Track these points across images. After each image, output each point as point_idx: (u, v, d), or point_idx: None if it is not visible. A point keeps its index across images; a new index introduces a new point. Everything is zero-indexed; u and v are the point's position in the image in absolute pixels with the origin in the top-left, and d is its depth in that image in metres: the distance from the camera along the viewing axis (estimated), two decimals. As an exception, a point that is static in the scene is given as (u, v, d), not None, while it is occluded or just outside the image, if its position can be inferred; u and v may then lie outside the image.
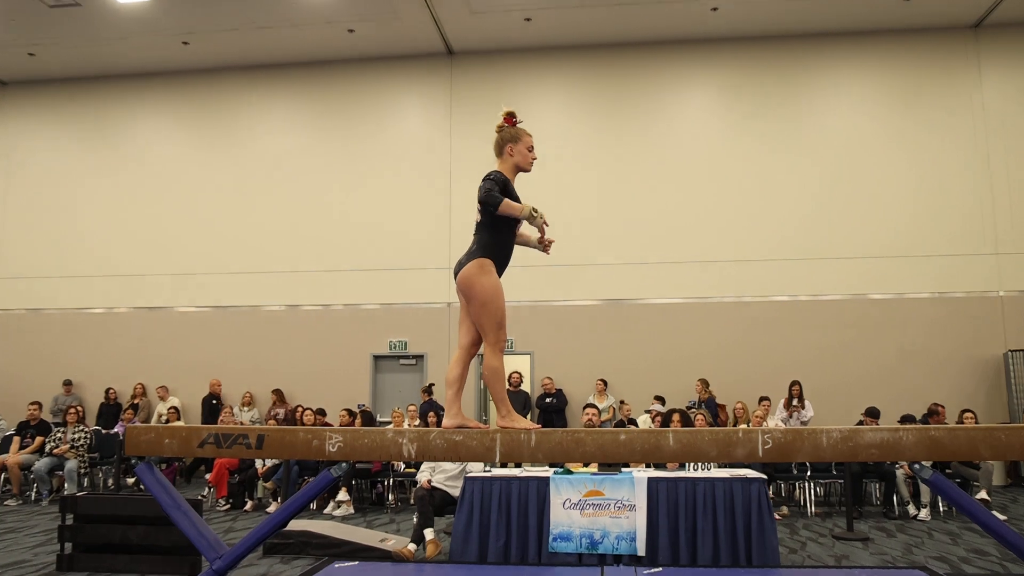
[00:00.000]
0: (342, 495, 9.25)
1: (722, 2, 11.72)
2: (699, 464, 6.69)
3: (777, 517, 8.07)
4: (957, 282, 12.09)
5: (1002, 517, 8.44)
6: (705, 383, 11.33)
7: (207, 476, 10.08)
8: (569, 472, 6.45)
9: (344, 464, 3.56)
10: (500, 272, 3.71)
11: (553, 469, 6.67)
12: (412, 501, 8.55)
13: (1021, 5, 11.84)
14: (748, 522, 6.00)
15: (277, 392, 12.45)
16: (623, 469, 6.56)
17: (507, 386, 11.79)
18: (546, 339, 12.47)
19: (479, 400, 12.65)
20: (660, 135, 12.85)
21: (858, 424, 9.54)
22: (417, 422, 10.71)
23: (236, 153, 13.64)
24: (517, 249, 3.91)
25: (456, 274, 3.70)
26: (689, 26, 12.47)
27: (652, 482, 6.14)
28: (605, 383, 11.94)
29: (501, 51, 13.19)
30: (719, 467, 6.86)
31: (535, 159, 3.99)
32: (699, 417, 8.54)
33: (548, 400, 11.74)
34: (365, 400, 12.45)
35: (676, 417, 8.23)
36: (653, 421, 10.07)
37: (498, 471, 6.84)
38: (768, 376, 11.48)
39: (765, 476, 6.47)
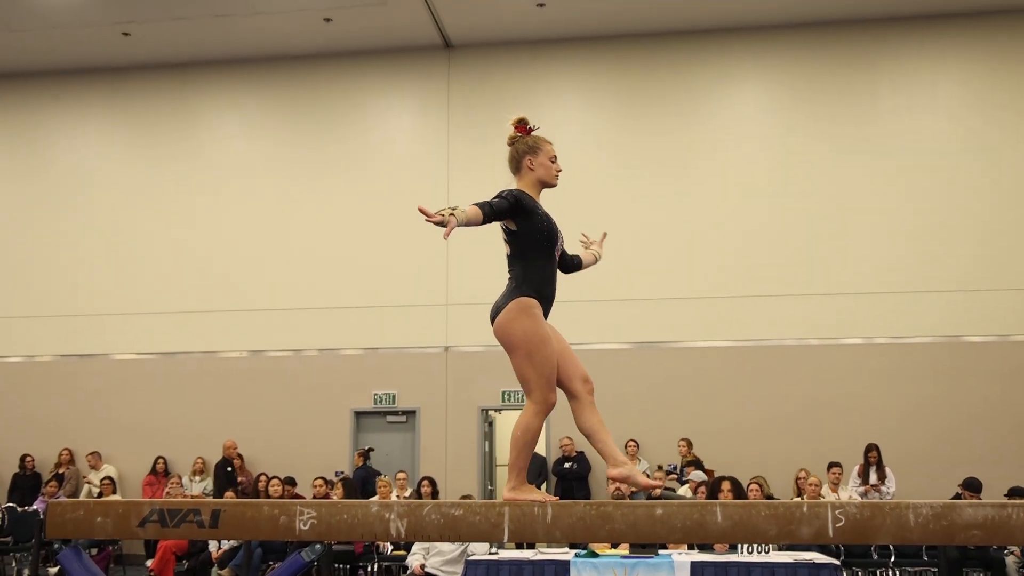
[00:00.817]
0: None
1: (777, -18, 11.86)
2: (754, 546, 6.62)
3: (853, 613, 7.97)
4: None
5: None
6: (689, 443, 11.32)
7: (148, 563, 10.04)
8: (594, 554, 6.39)
9: (318, 545, 3.55)
10: (546, 311, 3.73)
11: (574, 551, 6.61)
12: (401, 592, 8.47)
13: None
14: (817, 619, 5.92)
15: (239, 456, 12.42)
16: (660, 551, 6.50)
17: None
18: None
19: (483, 468, 12.59)
20: (702, 146, 12.85)
21: (955, 498, 9.43)
22: (408, 493, 10.67)
23: (187, 164, 13.74)
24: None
25: (492, 319, 3.73)
26: (735, 11, 12.56)
27: (696, 567, 6.07)
28: (637, 445, 11.86)
29: (508, 43, 13.32)
30: (779, 549, 6.78)
31: (560, 171, 4.03)
32: (753, 487, 8.47)
33: (567, 465, 11.67)
34: (344, 466, 12.40)
35: (726, 486, 8.14)
36: (696, 492, 9.98)
37: (507, 553, 6.78)
38: (837, 436, 11.36)
39: (839, 562, 6.39)
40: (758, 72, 13.18)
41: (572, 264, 4.10)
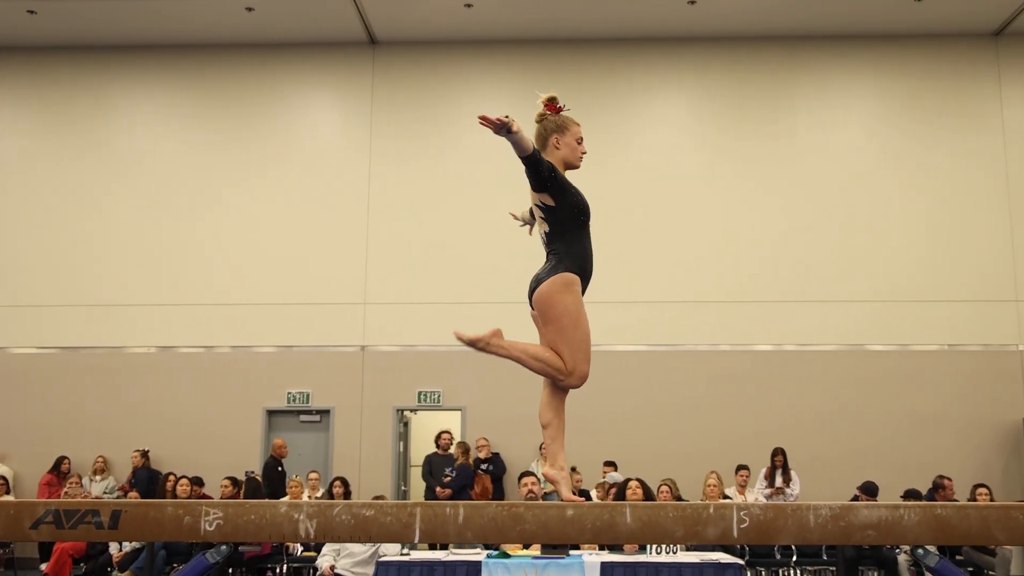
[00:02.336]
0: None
1: (699, -6, 12.06)
2: (663, 546, 6.72)
3: (757, 613, 8.13)
4: (972, 334, 12.46)
5: (1021, 613, 8.65)
6: (465, 447, 11.46)
7: (43, 567, 9.72)
8: (506, 555, 6.40)
9: (224, 547, 3.47)
10: (585, 286, 3.80)
11: (486, 551, 6.61)
12: (310, 593, 8.37)
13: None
14: (722, 619, 6.03)
15: (142, 456, 12.11)
16: (571, 552, 6.54)
17: (436, 450, 11.76)
18: (481, 392, 12.42)
19: (397, 468, 12.51)
20: (625, 152, 13.01)
21: (852, 500, 9.71)
22: (319, 493, 10.55)
23: (96, 153, 13.35)
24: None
25: (532, 291, 3.76)
26: (661, 21, 12.75)
27: (606, 568, 6.13)
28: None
29: (435, 42, 13.29)
30: (687, 550, 6.89)
31: (585, 153, 4.03)
32: (663, 489, 8.58)
33: (483, 466, 11.67)
34: (255, 466, 12.19)
35: (634, 486, 8.20)
36: (607, 494, 10.07)
37: (418, 554, 6.75)
38: (746, 442, 11.59)
39: (743, 562, 6.52)
40: (681, 83, 13.40)
41: None
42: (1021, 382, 12.37)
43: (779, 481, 11.02)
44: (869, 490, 9.69)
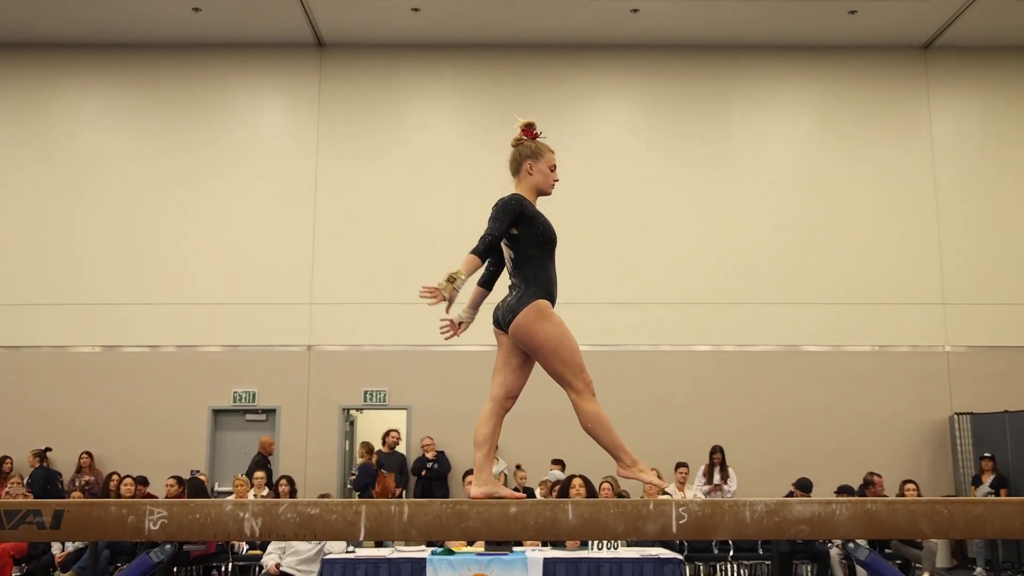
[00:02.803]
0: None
1: (643, 3, 12.14)
2: (604, 542, 6.76)
3: (695, 606, 8.22)
4: (902, 336, 12.75)
5: (946, 604, 8.87)
6: (369, 447, 11.51)
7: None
8: (450, 552, 6.39)
9: (168, 545, 3.42)
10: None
11: (431, 549, 6.60)
12: (255, 591, 8.28)
13: (973, 26, 12.73)
14: (661, 613, 6.08)
15: (87, 455, 11.87)
16: (514, 548, 6.55)
17: (381, 447, 11.70)
18: (426, 391, 12.40)
19: (343, 466, 12.43)
20: (569, 154, 13.07)
21: (787, 496, 9.87)
22: (265, 492, 10.44)
23: (38, 150, 13.04)
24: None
25: (506, 322, 3.71)
26: (605, 29, 12.84)
27: (549, 563, 6.16)
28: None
29: (382, 46, 13.22)
30: (627, 546, 6.94)
31: (557, 180, 4.07)
32: (605, 486, 8.63)
33: (428, 465, 11.64)
34: (200, 465, 12.02)
35: (577, 484, 8.25)
36: (551, 492, 10.12)
37: (363, 551, 6.72)
38: (687, 439, 11.73)
39: (681, 556, 6.58)
40: (623, 88, 13.49)
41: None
42: (947, 382, 12.68)
43: (717, 478, 11.15)
44: (803, 486, 9.84)
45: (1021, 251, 13.00)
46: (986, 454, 11.80)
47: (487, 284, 4.04)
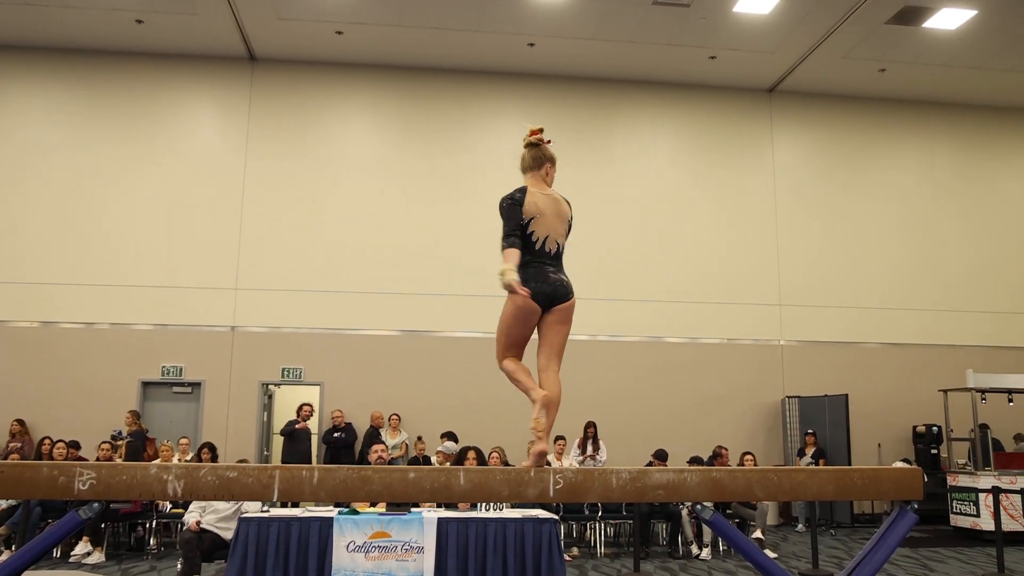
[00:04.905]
0: (82, 545, 8.50)
1: (539, 38, 12.20)
2: (491, 504, 6.78)
3: (567, 558, 8.33)
4: (745, 330, 13.20)
5: (773, 555, 9.22)
6: (136, 414, 11.16)
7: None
8: (355, 512, 6.32)
9: (96, 504, 3.27)
10: None
11: (338, 509, 6.51)
12: (178, 546, 8.01)
13: (809, 75, 13.28)
14: (538, 563, 6.14)
15: (18, 423, 11.27)
16: (412, 510, 6.52)
17: (295, 418, 11.47)
18: (338, 369, 12.22)
19: (261, 436, 12.15)
20: (469, 166, 13.09)
21: (647, 465, 10.09)
22: (189, 456, 10.12)
23: (-12, 143, 12.34)
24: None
25: (565, 297, 3.90)
26: (505, 58, 12.87)
27: (442, 523, 6.14)
28: (399, 418, 11.86)
29: (308, 63, 12.94)
30: (511, 507, 6.99)
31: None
32: (494, 455, 8.67)
33: (336, 435, 11.47)
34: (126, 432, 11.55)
35: (471, 455, 8.31)
36: (446, 460, 10.11)
37: (277, 511, 6.57)
38: (565, 415, 11.84)
39: (557, 517, 6.66)
40: (518, 112, 13.51)
41: None
42: (780, 370, 13.19)
43: (590, 449, 11.33)
44: (660, 456, 10.09)
45: (844, 263, 13.62)
46: (809, 431, 12.34)
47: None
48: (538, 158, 3.97)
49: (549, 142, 4.04)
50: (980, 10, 11.29)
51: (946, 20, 11.57)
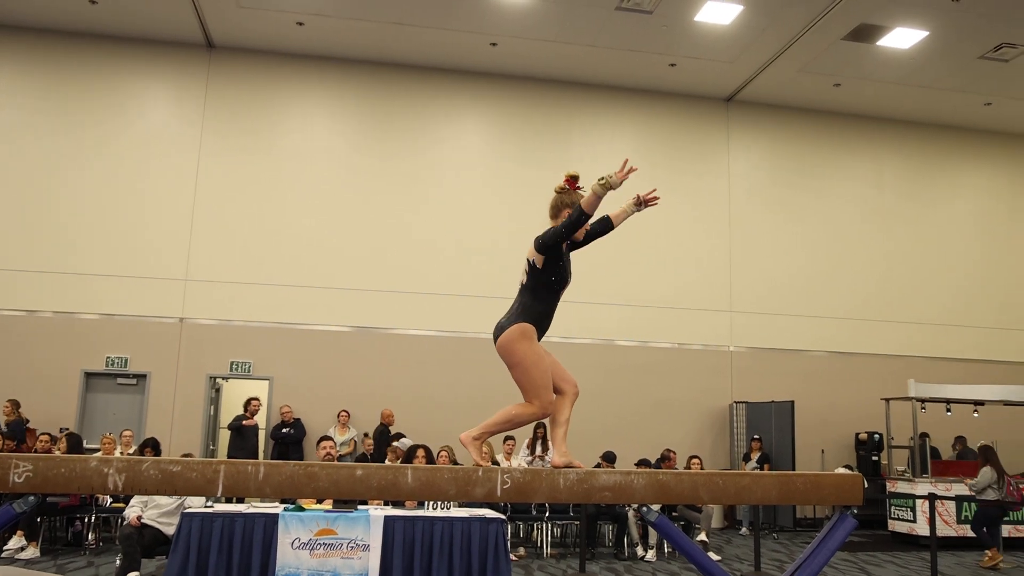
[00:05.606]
0: (16, 540, 8.29)
1: (502, 38, 12.20)
2: (438, 503, 6.77)
3: (514, 558, 8.35)
4: (696, 335, 13.36)
5: (716, 558, 9.35)
6: (16, 404, 10.59)
7: None
8: (301, 509, 6.25)
9: (32, 497, 3.19)
10: (540, 336, 3.77)
11: (284, 505, 6.43)
12: (117, 541, 7.84)
13: (766, 87, 13.49)
14: (484, 563, 6.14)
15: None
16: (359, 507, 6.47)
17: (243, 412, 11.30)
18: (287, 364, 12.07)
19: (207, 430, 11.95)
20: (427, 162, 13.03)
21: (596, 467, 10.15)
22: (132, 450, 9.92)
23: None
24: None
25: (496, 337, 3.70)
26: (467, 57, 12.84)
27: (389, 521, 6.11)
28: (349, 414, 11.76)
29: (268, 52, 12.76)
30: (459, 506, 6.98)
31: (588, 229, 4.05)
32: (443, 454, 8.65)
33: (285, 431, 11.33)
34: (70, 424, 11.28)
35: (420, 453, 8.28)
36: (397, 458, 10.04)
37: (221, 507, 6.47)
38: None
39: (504, 517, 6.66)
40: (479, 110, 13.51)
41: (603, 227, 4.20)
42: (729, 376, 13.38)
43: (539, 450, 11.35)
44: (609, 458, 10.16)
45: (794, 272, 13.87)
46: (755, 436, 12.53)
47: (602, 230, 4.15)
48: (555, 205, 4.10)
49: (581, 188, 4.06)
50: (932, 31, 11.59)
51: (900, 39, 11.85)
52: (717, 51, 12.38)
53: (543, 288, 3.83)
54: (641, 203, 3.95)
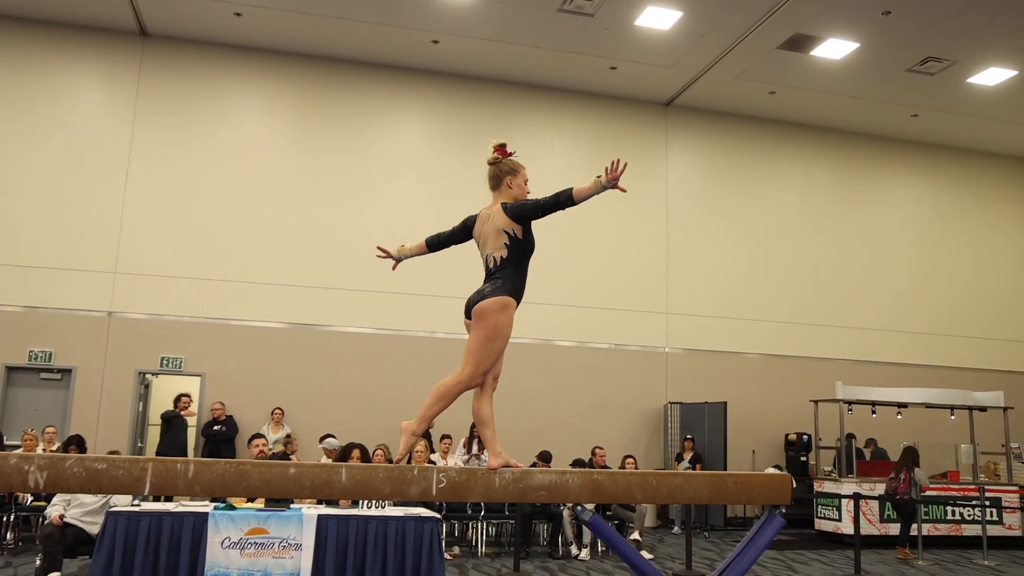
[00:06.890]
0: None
1: (444, 36, 12.16)
2: (373, 502, 6.72)
3: (448, 557, 8.33)
4: (633, 336, 13.52)
5: (649, 556, 9.47)
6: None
7: None
8: (232, 508, 6.13)
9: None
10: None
11: (214, 504, 6.30)
12: (37, 541, 7.58)
13: (704, 92, 13.73)
14: (418, 562, 6.12)
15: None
16: (291, 506, 6.39)
17: (173, 409, 11.04)
18: (220, 360, 11.83)
19: (135, 426, 11.64)
20: (365, 158, 12.91)
21: (532, 466, 10.20)
22: (56, 447, 9.60)
23: None
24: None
25: (473, 303, 3.64)
26: (408, 54, 12.76)
27: (322, 520, 6.04)
28: (283, 412, 11.59)
29: (204, 43, 12.48)
30: (394, 505, 6.94)
31: (529, 192, 4.00)
32: (379, 453, 8.58)
33: (216, 428, 11.11)
34: (-12, 419, 10.88)
35: (356, 452, 8.20)
36: (328, 458, 9.93)
37: (148, 505, 6.31)
38: (451, 414, 11.82)
39: (439, 516, 6.64)
40: (419, 108, 13.43)
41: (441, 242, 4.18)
42: (664, 377, 13.57)
43: (475, 449, 11.35)
44: (544, 458, 10.20)
45: (729, 275, 14.14)
46: (688, 436, 12.73)
47: (432, 246, 4.24)
48: (494, 176, 3.99)
49: (512, 154, 4.01)
50: (863, 43, 11.95)
51: (832, 50, 12.19)
52: (657, 56, 12.55)
53: (524, 257, 3.89)
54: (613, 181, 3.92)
